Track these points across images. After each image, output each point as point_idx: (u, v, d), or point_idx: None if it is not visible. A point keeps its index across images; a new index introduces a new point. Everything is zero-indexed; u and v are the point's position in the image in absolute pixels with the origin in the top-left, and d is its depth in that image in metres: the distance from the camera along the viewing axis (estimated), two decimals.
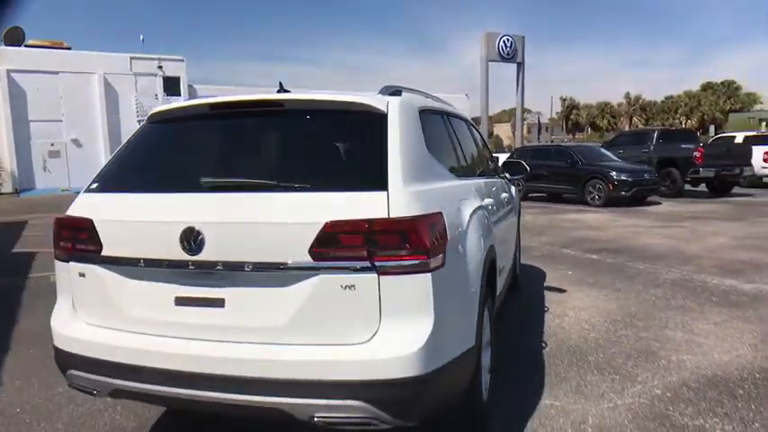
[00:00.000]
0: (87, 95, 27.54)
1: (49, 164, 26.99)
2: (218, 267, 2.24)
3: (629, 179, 15.02)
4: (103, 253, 2.44)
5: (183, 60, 30.19)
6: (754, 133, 23.89)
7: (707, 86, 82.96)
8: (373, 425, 2.14)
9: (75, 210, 2.59)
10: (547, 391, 3.55)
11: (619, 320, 5.02)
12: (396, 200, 2.19)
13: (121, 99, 28.55)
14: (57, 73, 26.66)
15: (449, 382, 2.32)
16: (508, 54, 28.81)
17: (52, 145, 27.00)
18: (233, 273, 2.25)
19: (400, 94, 2.72)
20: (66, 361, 2.54)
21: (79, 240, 2.53)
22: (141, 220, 2.39)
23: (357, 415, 2.12)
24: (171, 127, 2.84)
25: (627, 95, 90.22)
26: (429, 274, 2.17)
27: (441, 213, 2.35)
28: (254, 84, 38.84)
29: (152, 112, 2.89)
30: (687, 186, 17.40)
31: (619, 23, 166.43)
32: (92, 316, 2.54)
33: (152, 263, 2.34)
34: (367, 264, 2.13)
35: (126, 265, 2.41)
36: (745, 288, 6.09)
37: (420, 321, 2.18)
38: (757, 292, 5.91)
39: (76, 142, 27.44)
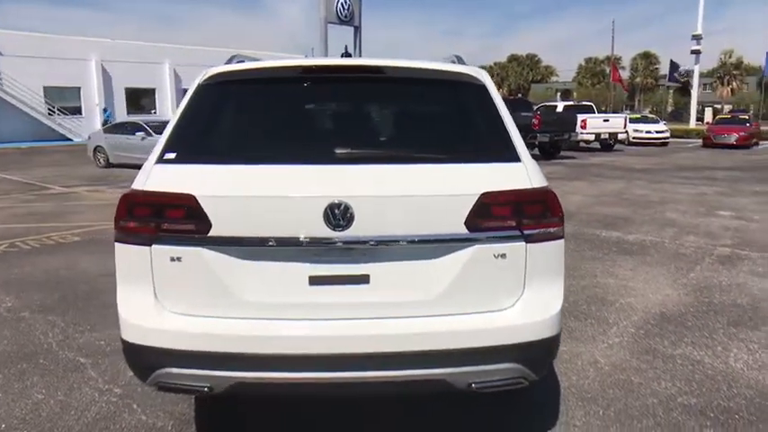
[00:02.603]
0: None
1: None
2: (371, 243, 2.16)
3: None
4: (212, 233, 2.17)
5: None
6: (571, 103, 27.42)
7: (512, 59, 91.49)
8: (520, 383, 2.28)
9: (161, 184, 2.24)
10: None
11: None
12: (532, 170, 2.31)
13: None
14: None
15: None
16: (346, 17, 29.05)
17: None
18: (377, 248, 2.18)
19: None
20: (156, 359, 2.24)
21: (172, 220, 2.21)
22: (270, 195, 2.17)
23: (511, 376, 2.24)
24: (254, 90, 2.54)
25: None
26: (562, 240, 2.34)
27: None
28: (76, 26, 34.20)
29: (213, 72, 2.56)
30: None
31: None
32: (188, 305, 2.26)
33: (285, 242, 2.16)
34: (517, 232, 2.23)
35: (245, 246, 2.19)
36: (630, 239, 7.20)
37: (555, 284, 2.35)
38: (641, 241, 7.03)
39: None
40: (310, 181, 2.20)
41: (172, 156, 2.33)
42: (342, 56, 2.71)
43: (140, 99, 36.63)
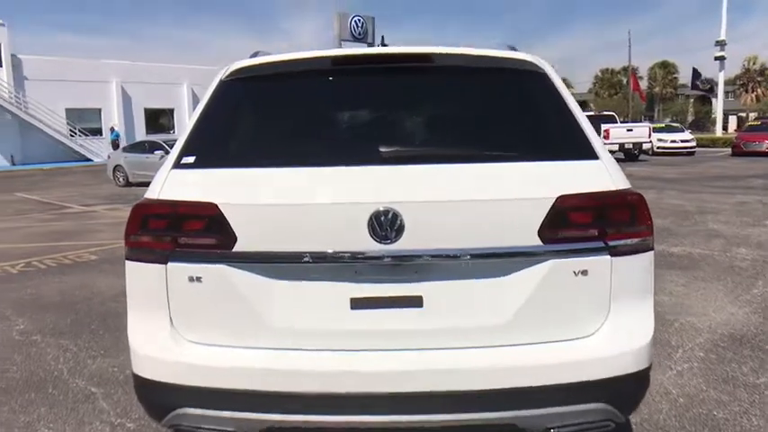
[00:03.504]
0: None
1: None
2: (424, 258, 1.79)
3: None
4: (238, 248, 1.83)
5: (3, 25, 25.77)
6: (592, 113, 26.90)
7: None
8: (607, 427, 1.89)
9: (178, 191, 1.92)
10: None
11: None
12: (613, 169, 1.93)
13: None
14: None
15: None
16: (360, 34, 29.27)
17: None
18: (432, 264, 1.82)
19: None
20: (172, 397, 1.89)
21: (191, 233, 1.88)
22: (304, 202, 1.83)
23: (596, 419, 1.85)
24: (284, 85, 2.21)
25: None
26: (651, 253, 1.96)
27: None
28: (90, 55, 34.74)
29: (237, 66, 2.24)
30: None
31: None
32: (210, 333, 1.91)
33: (323, 257, 1.81)
34: (600, 244, 1.85)
35: (276, 263, 1.84)
36: (676, 251, 6.72)
37: (645, 305, 1.96)
38: (688, 254, 6.55)
39: None
40: (351, 185, 1.85)
41: (190, 159, 2.00)
42: (380, 46, 2.36)
43: (159, 119, 36.92)
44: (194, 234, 1.88)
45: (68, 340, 4.21)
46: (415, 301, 1.84)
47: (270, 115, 2.24)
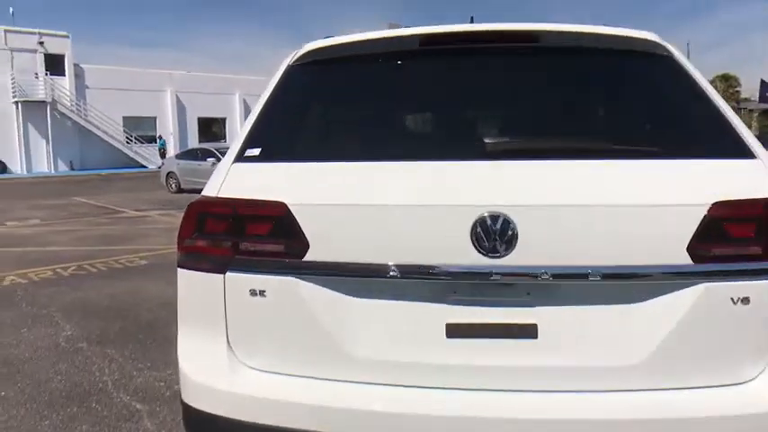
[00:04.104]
0: None
1: None
2: (542, 277, 1.43)
3: None
4: (310, 257, 1.52)
5: (68, 37, 26.94)
6: None
7: None
8: None
9: (240, 189, 1.62)
10: None
11: None
12: None
13: None
14: None
15: None
16: None
17: None
18: (551, 284, 1.45)
19: None
20: None
21: (254, 237, 1.58)
22: (391, 203, 1.50)
23: None
24: (364, 67, 1.89)
25: None
26: None
27: None
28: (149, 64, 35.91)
29: (309, 48, 1.93)
30: None
31: None
32: (274, 359, 1.60)
33: (413, 271, 1.47)
34: (766, 264, 1.44)
35: (356, 276, 1.52)
36: None
37: None
38: None
39: None
40: (450, 184, 1.50)
41: (255, 152, 1.70)
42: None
43: (212, 128, 37.70)
44: (259, 239, 1.57)
45: (114, 349, 4.01)
46: (528, 331, 1.47)
47: (347, 103, 1.93)
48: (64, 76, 27.61)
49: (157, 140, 32.89)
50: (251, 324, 1.60)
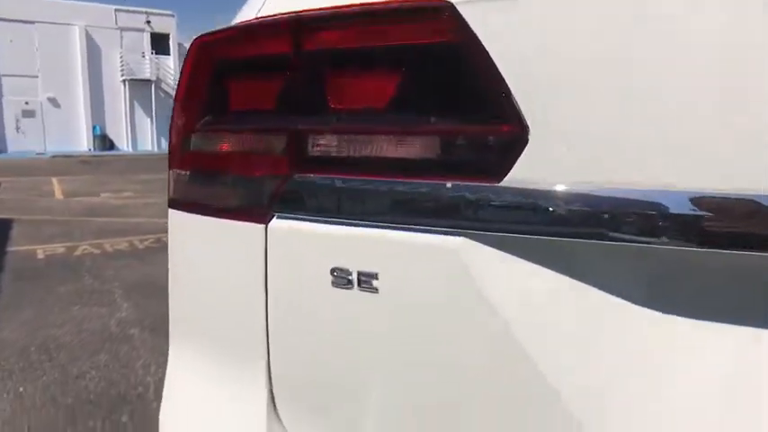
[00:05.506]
0: (66, 49, 24.85)
1: (23, 124, 24.36)
2: None
3: None
4: (509, 180, 0.50)
5: (173, 16, 27.68)
6: None
7: None
8: None
9: None
10: None
11: None
12: None
13: (104, 55, 25.91)
14: (32, 23, 23.90)
15: None
16: None
17: (26, 104, 24.36)
18: None
19: None
20: None
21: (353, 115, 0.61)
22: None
23: None
24: None
25: None
26: None
27: None
28: None
29: None
30: None
31: None
32: None
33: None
34: None
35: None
36: None
37: None
38: None
39: (53, 101, 24.82)
40: None
41: None
42: None
43: None
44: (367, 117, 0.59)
45: (166, 341, 3.27)
46: None
47: None
48: (168, 55, 28.45)
49: None
50: (329, 357, 0.64)
